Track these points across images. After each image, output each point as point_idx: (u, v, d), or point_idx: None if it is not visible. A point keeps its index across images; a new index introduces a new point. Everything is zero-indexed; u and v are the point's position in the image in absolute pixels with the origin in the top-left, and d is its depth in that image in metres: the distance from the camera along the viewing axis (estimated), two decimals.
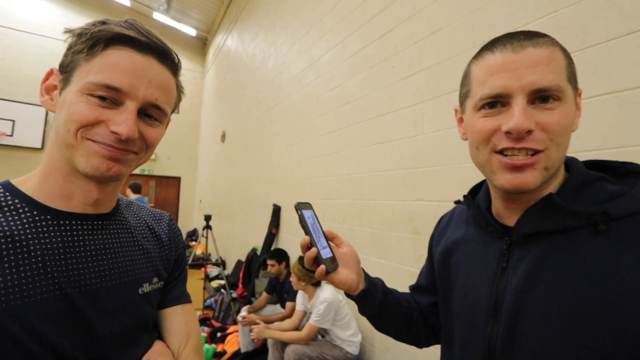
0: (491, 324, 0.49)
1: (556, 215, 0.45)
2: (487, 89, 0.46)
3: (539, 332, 0.44)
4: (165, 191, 8.57)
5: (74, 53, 0.47)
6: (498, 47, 0.47)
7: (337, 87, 2.70)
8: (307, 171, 3.12)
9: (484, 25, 1.54)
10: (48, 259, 0.45)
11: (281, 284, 2.89)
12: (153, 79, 0.49)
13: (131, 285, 0.54)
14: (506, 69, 0.45)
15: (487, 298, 0.51)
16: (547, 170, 0.45)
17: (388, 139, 2.11)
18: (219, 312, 3.51)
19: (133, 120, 0.47)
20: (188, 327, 0.61)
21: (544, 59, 0.43)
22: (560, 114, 0.43)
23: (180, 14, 7.79)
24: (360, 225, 2.32)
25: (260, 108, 4.51)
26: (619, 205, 0.42)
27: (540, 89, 0.43)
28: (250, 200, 4.69)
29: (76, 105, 0.46)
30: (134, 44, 0.48)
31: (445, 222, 0.70)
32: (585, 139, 1.15)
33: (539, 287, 0.45)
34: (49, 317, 0.42)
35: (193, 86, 8.88)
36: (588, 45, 1.16)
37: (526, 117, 0.43)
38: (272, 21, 4.34)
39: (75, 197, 0.50)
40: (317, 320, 2.08)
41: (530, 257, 0.47)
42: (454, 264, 0.60)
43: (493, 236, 0.53)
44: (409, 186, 1.92)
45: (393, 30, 2.11)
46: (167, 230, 0.67)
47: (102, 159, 0.47)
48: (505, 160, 0.45)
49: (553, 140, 0.43)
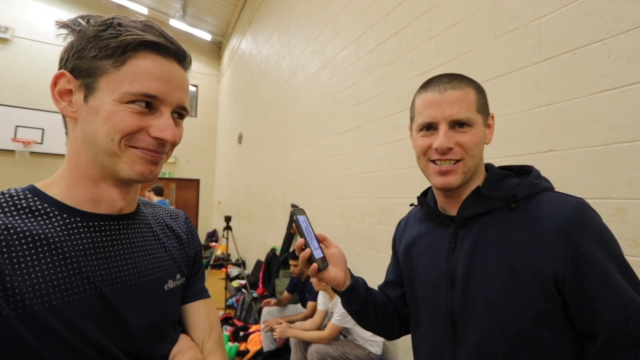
0: (450, 295, 0.64)
1: (483, 202, 0.63)
2: (423, 118, 0.65)
3: (483, 290, 0.59)
4: (185, 193, 8.78)
5: (95, 58, 0.47)
6: (430, 87, 0.66)
7: (353, 85, 2.68)
8: (325, 171, 3.12)
9: (505, 17, 1.49)
10: (82, 260, 0.46)
11: (303, 283, 2.91)
12: (179, 83, 0.51)
13: (158, 282, 0.56)
14: (434, 104, 0.64)
15: (444, 274, 0.66)
16: (465, 174, 0.63)
17: (406, 136, 2.08)
18: (240, 312, 3.56)
19: (174, 126, 0.50)
20: (210, 320, 0.64)
21: (458, 98, 0.63)
22: (471, 136, 0.62)
23: (195, 20, 7.95)
24: (379, 223, 2.30)
25: (276, 109, 4.54)
26: (520, 189, 0.62)
27: (456, 120, 0.62)
28: (268, 201, 4.74)
29: (118, 115, 0.47)
30: (160, 50, 0.49)
31: (403, 224, 0.85)
32: (619, 130, 1.10)
33: (477, 255, 0.61)
34: (87, 315, 0.44)
35: (209, 90, 9.06)
36: (620, 32, 1.10)
37: (447, 139, 0.62)
38: (285, 22, 4.36)
39: (104, 200, 0.51)
40: (339, 319, 2.08)
41: (470, 234, 0.64)
42: (415, 256, 0.74)
43: (442, 225, 0.70)
44: (428, 184, 1.89)
45: (409, 25, 2.08)
46: (185, 228, 0.69)
47: (145, 165, 0.50)
48: (435, 167, 0.64)
49: (468, 152, 0.63)
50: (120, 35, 0.47)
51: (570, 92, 1.24)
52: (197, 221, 8.91)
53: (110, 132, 0.47)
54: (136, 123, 0.48)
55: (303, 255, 0.67)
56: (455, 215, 0.66)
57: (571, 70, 1.24)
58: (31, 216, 0.45)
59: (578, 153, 1.21)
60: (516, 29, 1.44)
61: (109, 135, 0.47)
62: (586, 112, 1.19)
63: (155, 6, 7.52)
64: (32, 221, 0.45)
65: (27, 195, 0.47)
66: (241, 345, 2.86)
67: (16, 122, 6.33)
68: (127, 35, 0.47)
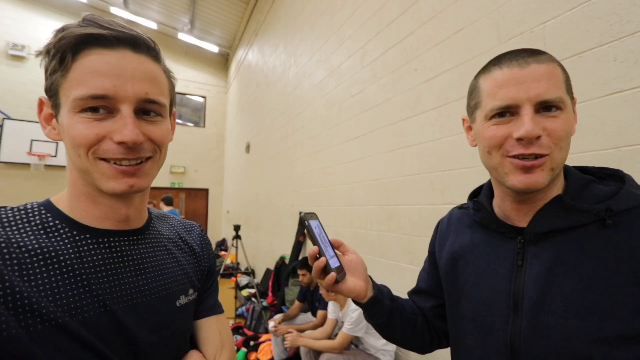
0: (512, 320, 0.52)
1: (566, 214, 0.51)
2: (498, 101, 0.52)
3: (565, 321, 0.47)
4: (195, 203, 8.87)
5: (51, 74, 0.44)
6: (505, 63, 0.53)
7: (359, 93, 2.71)
8: (332, 178, 3.13)
9: (510, 22, 1.49)
10: (92, 277, 0.46)
11: (312, 292, 2.90)
12: (134, 72, 0.45)
13: (169, 298, 0.55)
14: (514, 83, 0.50)
15: (505, 295, 0.54)
16: (553, 171, 0.51)
17: (413, 143, 2.08)
18: (250, 321, 3.55)
19: (132, 124, 0.44)
20: (222, 337, 0.62)
21: (546, 73, 0.50)
22: (562, 121, 0.50)
23: (203, 33, 8.14)
24: (388, 230, 2.29)
25: (283, 118, 4.59)
26: (618, 202, 0.49)
27: (545, 101, 0.49)
28: (276, 209, 4.75)
29: (74, 128, 0.43)
30: (101, 42, 0.43)
31: (444, 226, 0.73)
32: (629, 133, 1.09)
33: (558, 280, 0.49)
34: (97, 333, 0.44)
35: (217, 100, 9.20)
36: (626, 34, 1.10)
37: (535, 125, 0.49)
38: (291, 33, 4.44)
39: (107, 216, 0.50)
40: (350, 328, 2.06)
41: (546, 253, 0.51)
42: (462, 268, 0.63)
43: (503, 237, 0.58)
44: (437, 190, 1.88)
45: (413, 33, 2.09)
46: (199, 240, 0.67)
47: (119, 179, 0.46)
48: (517, 162, 0.51)
49: (557, 144, 0.50)
50: (60, 40, 0.43)
51: (577, 96, 1.23)
52: (206, 230, 8.95)
53: (74, 147, 0.44)
54: (93, 132, 0.43)
55: (317, 265, 0.58)
56: (525, 227, 0.54)
57: (578, 74, 1.23)
58: (43, 233, 0.45)
59: (588, 157, 1.19)
60: (521, 34, 1.45)
61: (75, 152, 0.44)
62: (595, 115, 1.18)
63: (165, 21, 7.73)
64: (44, 238, 0.44)
65: (41, 211, 0.47)
66: (252, 355, 2.85)
67: (31, 136, 6.51)
68: (62, 37, 0.42)
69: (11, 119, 6.48)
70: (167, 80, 0.52)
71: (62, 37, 0.43)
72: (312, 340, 2.23)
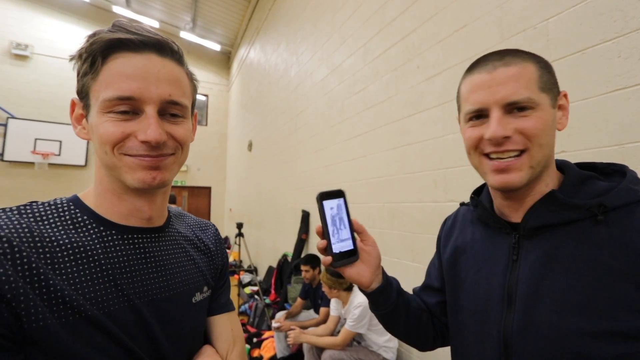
0: (505, 315, 0.54)
1: (559, 210, 0.51)
2: (470, 105, 0.55)
3: (556, 316, 0.48)
4: (197, 201, 8.90)
5: (82, 76, 0.47)
6: (476, 69, 0.55)
7: (361, 91, 2.70)
8: (335, 176, 3.14)
9: (513, 19, 1.49)
10: (117, 272, 0.48)
11: (315, 289, 2.91)
12: (159, 75, 0.47)
13: (186, 295, 0.57)
14: (483, 87, 0.53)
15: (500, 290, 0.56)
16: (533, 169, 0.52)
17: (416, 140, 2.08)
18: (253, 318, 3.57)
19: (156, 124, 0.47)
20: (234, 333, 0.65)
21: (513, 76, 0.51)
22: (535, 119, 0.50)
23: (205, 31, 8.14)
24: (390, 228, 2.29)
25: (285, 116, 4.59)
26: (612, 197, 0.49)
27: (512, 102, 0.51)
28: (278, 207, 4.76)
29: (101, 127, 0.46)
30: (128, 46, 0.47)
31: (450, 223, 0.74)
32: (632, 130, 1.08)
33: (550, 275, 0.50)
34: (122, 326, 0.46)
35: (219, 99, 9.22)
36: (630, 30, 1.09)
37: (501, 126, 0.51)
38: (292, 31, 4.43)
39: (132, 213, 0.52)
40: (352, 325, 2.07)
41: (539, 248, 0.53)
42: (463, 263, 0.65)
43: (500, 233, 0.59)
44: (440, 187, 1.88)
45: (415, 30, 2.09)
46: (214, 239, 0.69)
47: (144, 171, 0.48)
48: (492, 163, 0.53)
49: (533, 141, 0.50)
50: (91, 44, 0.46)
51: (581, 93, 1.23)
52: None
53: (101, 145, 0.47)
54: (119, 130, 0.46)
55: (319, 245, 0.59)
56: (519, 222, 0.55)
57: (581, 71, 1.23)
58: (72, 228, 0.47)
59: (591, 154, 1.19)
60: (524, 30, 1.44)
61: (102, 149, 0.47)
62: (598, 112, 1.18)
63: (167, 19, 7.74)
64: (74, 233, 0.47)
65: (70, 207, 0.49)
66: (255, 352, 2.87)
67: (35, 135, 6.56)
68: (94, 42, 0.46)
69: (15, 118, 6.53)
70: (189, 82, 0.54)
71: (93, 42, 0.46)
72: (314, 337, 2.24)
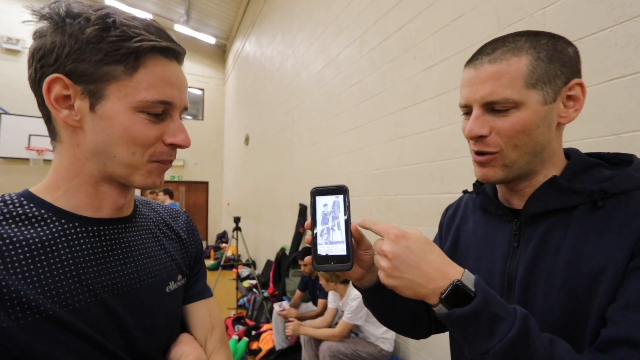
0: (505, 299, 0.52)
1: (559, 195, 0.50)
2: (461, 98, 0.55)
3: (544, 299, 0.49)
4: (195, 196, 8.88)
5: (100, 63, 0.43)
6: (470, 62, 0.54)
7: (358, 83, 2.68)
8: (332, 169, 3.13)
9: (509, 7, 1.47)
10: (81, 267, 0.45)
11: (313, 281, 2.92)
12: (183, 84, 0.51)
13: (159, 284, 0.55)
14: (468, 84, 0.53)
15: (500, 276, 0.55)
16: (508, 168, 0.52)
17: (412, 132, 2.07)
18: (252, 311, 3.60)
19: (185, 129, 0.50)
20: (212, 319, 0.63)
21: (495, 74, 0.50)
22: (513, 120, 0.49)
23: (199, 24, 8.03)
24: (388, 220, 2.28)
25: (281, 109, 4.56)
26: (614, 183, 0.48)
27: (489, 102, 0.50)
28: (276, 201, 4.76)
29: (136, 127, 0.46)
30: (168, 53, 0.48)
31: (452, 210, 0.73)
32: (629, 119, 1.08)
33: (543, 258, 0.50)
34: (90, 322, 0.44)
35: (215, 93, 9.13)
36: (627, 19, 1.08)
37: (477, 125, 0.51)
38: (288, 23, 4.38)
39: (105, 205, 0.50)
40: (350, 317, 2.08)
41: (538, 234, 0.52)
42: (463, 250, 0.64)
43: (502, 220, 0.58)
44: (437, 179, 1.88)
45: (412, 21, 2.06)
46: (185, 227, 0.67)
47: (159, 175, 0.50)
48: (473, 156, 0.55)
49: (508, 142, 0.50)
50: (129, 38, 0.44)
51: None
52: (207, 223, 9.00)
53: (130, 145, 0.46)
54: (154, 134, 0.47)
55: (306, 240, 0.55)
56: (521, 209, 0.55)
57: None
58: (27, 223, 0.44)
59: (588, 143, 1.19)
60: (520, 20, 1.43)
61: (129, 149, 0.46)
62: (595, 102, 1.17)
63: (160, 12, 7.62)
64: (29, 228, 0.43)
65: (22, 202, 0.46)
66: (253, 344, 2.89)
67: (30, 131, 6.48)
68: (139, 40, 0.44)
69: (9, 113, 6.44)
70: None
71: (133, 37, 0.44)
72: (312, 329, 2.26)
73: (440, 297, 0.44)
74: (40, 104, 0.47)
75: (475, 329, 0.42)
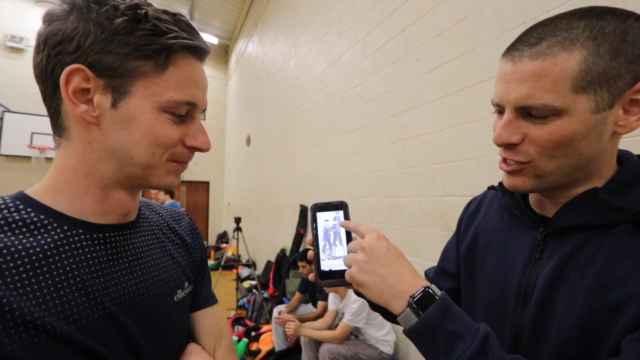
0: (519, 314, 0.50)
1: (598, 210, 0.44)
2: (494, 95, 0.47)
3: (561, 320, 0.44)
4: (196, 196, 8.89)
5: (128, 57, 0.40)
6: (509, 51, 0.46)
7: (360, 84, 2.68)
8: (333, 171, 3.13)
9: (513, 11, 1.47)
10: (86, 278, 0.41)
11: (313, 283, 2.92)
12: (206, 86, 0.49)
13: (167, 293, 0.53)
14: (503, 81, 0.45)
15: (517, 287, 0.51)
16: (540, 178, 0.45)
17: (414, 135, 2.07)
18: (252, 312, 3.59)
19: (206, 132, 0.48)
20: (220, 327, 0.61)
21: (534, 74, 0.41)
22: (552, 129, 0.41)
23: (202, 24, 8.05)
24: (388, 223, 2.29)
25: (283, 110, 4.57)
26: None
27: (524, 107, 0.42)
28: (277, 202, 4.76)
29: (161, 128, 0.43)
30: (196, 52, 0.46)
31: (474, 206, 0.67)
32: None
33: (567, 276, 0.45)
34: (100, 339, 0.41)
35: (217, 93, 9.15)
36: None
37: (507, 131, 0.44)
38: (291, 24, 4.38)
39: (113, 210, 0.47)
40: (350, 319, 2.08)
41: (565, 248, 0.46)
42: (482, 252, 0.59)
43: (527, 226, 0.53)
44: (438, 182, 1.88)
45: (415, 23, 2.06)
46: (189, 230, 0.64)
47: (176, 176, 0.48)
48: (500, 163, 0.49)
49: (541, 152, 0.43)
50: (162, 34, 0.41)
51: None
52: (207, 223, 9.00)
53: (151, 146, 0.43)
54: (177, 135, 0.45)
55: (309, 256, 0.55)
56: (550, 217, 0.49)
57: None
58: (26, 230, 0.39)
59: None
60: (524, 23, 1.42)
61: (150, 149, 0.43)
62: None
63: None
64: (28, 236, 0.39)
65: (18, 207, 0.41)
66: (253, 345, 2.88)
67: (32, 129, 6.49)
68: (173, 38, 0.42)
69: (11, 111, 6.46)
70: None
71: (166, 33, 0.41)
72: (312, 331, 2.25)
73: (410, 301, 0.43)
74: (49, 96, 0.42)
75: (433, 343, 0.41)
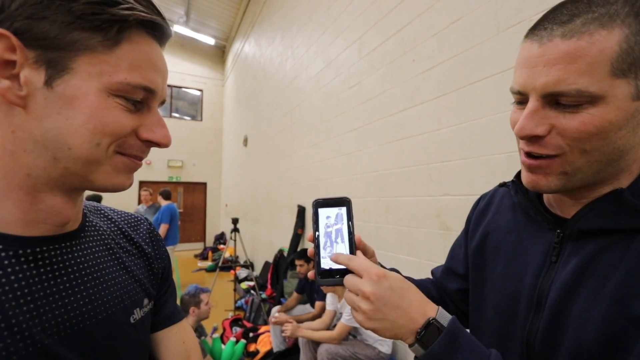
0: (532, 319, 0.47)
1: (622, 213, 0.40)
2: (513, 82, 0.43)
3: (577, 330, 0.41)
4: (193, 197, 8.86)
5: (69, 26, 0.33)
6: (533, 32, 0.41)
7: (357, 84, 2.68)
8: (330, 171, 3.13)
9: (509, 10, 1.48)
10: (9, 307, 0.33)
11: (310, 283, 2.92)
12: (166, 73, 0.42)
13: (121, 314, 0.44)
14: (527, 65, 0.40)
15: (529, 292, 0.47)
16: (567, 175, 0.40)
17: (411, 134, 2.07)
18: (250, 313, 3.58)
19: (165, 125, 0.41)
20: (187, 346, 0.55)
21: (567, 55, 0.36)
22: (585, 118, 0.36)
23: (198, 25, 8.03)
24: (386, 222, 2.29)
25: (280, 111, 4.56)
26: None
27: (553, 93, 0.37)
28: (274, 203, 4.75)
29: (109, 113, 0.35)
30: (155, 31, 0.39)
31: (483, 204, 0.64)
32: None
33: (586, 283, 0.41)
34: None
35: (214, 94, 9.13)
36: None
37: (531, 122, 0.39)
38: (288, 24, 4.38)
39: (44, 219, 0.38)
40: (348, 319, 2.08)
41: (584, 253, 0.42)
42: (492, 252, 0.56)
43: (542, 227, 0.49)
44: (435, 181, 1.88)
45: (411, 23, 2.07)
46: (148, 238, 0.55)
47: (127, 175, 0.40)
48: (522, 158, 0.44)
49: (573, 145, 0.38)
50: (114, 4, 0.34)
51: None
52: (205, 224, 8.98)
53: (96, 134, 0.35)
54: (130, 124, 0.37)
55: (309, 253, 0.52)
56: (569, 220, 0.45)
57: None
58: None
59: None
60: (519, 22, 1.43)
61: (94, 139, 0.35)
62: None
63: None
64: None
65: None
66: (251, 346, 2.87)
67: None
68: (128, 9, 0.35)
69: None
70: None
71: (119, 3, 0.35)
72: (310, 331, 2.25)
73: (417, 337, 0.41)
74: None
75: None
